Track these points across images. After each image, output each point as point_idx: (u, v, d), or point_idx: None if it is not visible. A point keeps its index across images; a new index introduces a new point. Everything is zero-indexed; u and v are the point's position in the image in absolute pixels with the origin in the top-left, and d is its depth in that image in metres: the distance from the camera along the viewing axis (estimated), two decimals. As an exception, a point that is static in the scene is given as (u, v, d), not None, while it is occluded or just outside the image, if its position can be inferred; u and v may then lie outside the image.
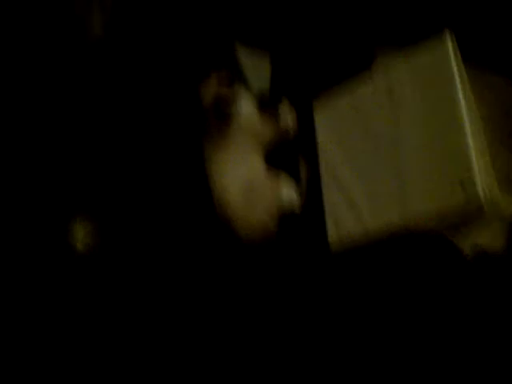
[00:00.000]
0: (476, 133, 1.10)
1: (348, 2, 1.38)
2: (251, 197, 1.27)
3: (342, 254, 1.24)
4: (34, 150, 1.57)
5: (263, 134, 1.34)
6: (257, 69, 1.59)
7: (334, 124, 1.28)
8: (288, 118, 1.36)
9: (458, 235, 1.13)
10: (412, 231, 1.14)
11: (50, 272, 1.46)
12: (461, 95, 1.08)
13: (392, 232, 1.14)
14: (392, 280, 1.22)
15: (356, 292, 1.26)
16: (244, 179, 1.27)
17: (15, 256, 1.48)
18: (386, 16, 1.32)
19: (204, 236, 1.37)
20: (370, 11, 1.35)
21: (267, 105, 1.40)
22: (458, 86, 1.09)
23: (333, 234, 1.22)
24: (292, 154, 1.37)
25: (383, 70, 1.21)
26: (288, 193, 1.30)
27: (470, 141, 1.05)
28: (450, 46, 1.11)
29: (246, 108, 1.33)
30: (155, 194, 1.46)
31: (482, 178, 1.05)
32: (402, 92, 1.16)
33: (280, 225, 1.29)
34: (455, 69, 1.10)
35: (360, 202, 1.19)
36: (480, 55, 1.19)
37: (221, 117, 1.28)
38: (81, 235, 1.49)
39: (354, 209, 1.19)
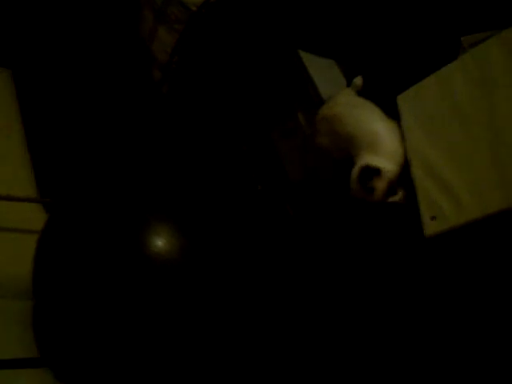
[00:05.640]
0: None
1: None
2: None
3: (435, 239, 1.24)
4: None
5: None
6: (325, 74, 1.65)
7: (422, 112, 1.27)
8: None
9: None
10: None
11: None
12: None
13: (493, 215, 1.11)
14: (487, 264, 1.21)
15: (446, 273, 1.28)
16: None
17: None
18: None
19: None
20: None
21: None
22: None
23: (427, 219, 1.22)
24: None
25: (472, 53, 1.21)
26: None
27: None
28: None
29: None
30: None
31: None
32: (494, 70, 1.14)
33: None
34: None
35: (456, 187, 1.17)
36: None
37: None
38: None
39: (450, 194, 1.17)
